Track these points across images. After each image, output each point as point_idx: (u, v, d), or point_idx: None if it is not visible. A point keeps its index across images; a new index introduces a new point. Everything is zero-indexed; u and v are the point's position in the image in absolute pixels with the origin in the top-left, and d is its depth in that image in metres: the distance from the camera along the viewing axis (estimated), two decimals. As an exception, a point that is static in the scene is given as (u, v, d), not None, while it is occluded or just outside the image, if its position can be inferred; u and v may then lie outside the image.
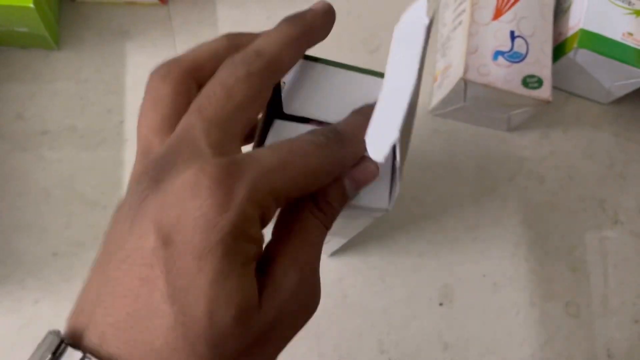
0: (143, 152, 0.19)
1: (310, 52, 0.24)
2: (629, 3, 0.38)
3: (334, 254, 0.37)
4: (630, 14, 0.38)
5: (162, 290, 0.15)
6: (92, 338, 0.16)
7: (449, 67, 0.38)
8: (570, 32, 0.38)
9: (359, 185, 0.21)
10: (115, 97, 0.38)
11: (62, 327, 0.18)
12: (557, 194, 0.41)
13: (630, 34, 0.38)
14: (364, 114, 0.20)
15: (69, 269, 0.35)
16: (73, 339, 0.17)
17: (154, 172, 0.17)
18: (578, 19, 0.38)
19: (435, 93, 0.40)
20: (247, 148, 0.22)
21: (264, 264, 0.18)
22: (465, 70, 0.35)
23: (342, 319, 0.36)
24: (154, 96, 0.20)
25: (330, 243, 0.33)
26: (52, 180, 0.36)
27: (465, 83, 0.35)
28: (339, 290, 0.37)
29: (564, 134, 0.42)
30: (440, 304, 0.38)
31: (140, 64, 0.39)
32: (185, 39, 0.40)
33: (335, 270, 0.37)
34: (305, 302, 0.19)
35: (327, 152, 0.19)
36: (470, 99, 0.37)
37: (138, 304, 0.16)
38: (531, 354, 0.38)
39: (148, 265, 0.16)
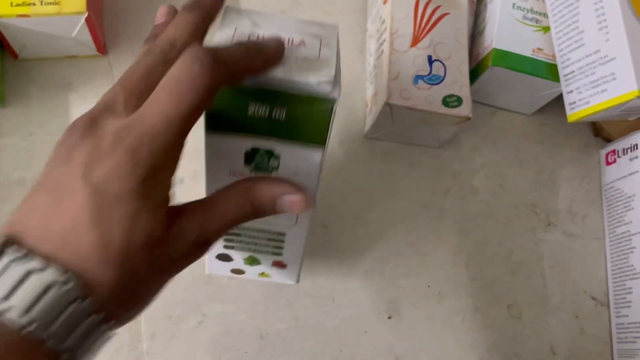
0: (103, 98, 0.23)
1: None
2: (537, 21, 0.42)
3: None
4: (538, 30, 0.41)
5: (89, 216, 0.20)
6: (27, 242, 0.20)
7: (377, 94, 0.40)
8: (486, 52, 0.41)
9: (290, 209, 0.25)
10: (61, 147, 0.40)
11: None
12: (491, 203, 0.44)
13: (540, 49, 0.41)
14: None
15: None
16: (9, 242, 0.20)
17: (87, 125, 0.22)
18: (491, 39, 0.41)
19: (368, 118, 0.42)
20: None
21: (181, 211, 0.23)
22: (389, 96, 0.38)
23: (295, 341, 0.38)
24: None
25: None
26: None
27: (390, 107, 0.38)
28: (290, 314, 0.38)
29: (494, 146, 0.45)
30: (389, 317, 0.40)
31: (84, 114, 0.40)
32: (126, 87, 0.42)
33: (285, 295, 0.39)
34: (191, 254, 0.23)
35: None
36: (398, 121, 0.40)
37: (67, 225, 0.20)
38: (479, 357, 0.40)
39: (77, 206, 0.20)
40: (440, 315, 0.40)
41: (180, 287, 0.38)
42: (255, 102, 0.25)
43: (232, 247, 0.32)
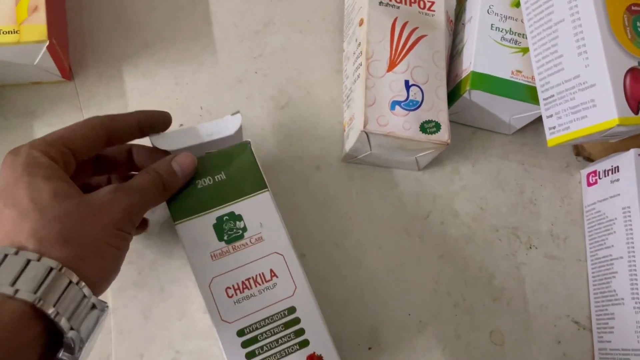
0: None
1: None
2: (516, 42, 0.41)
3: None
4: (517, 52, 0.41)
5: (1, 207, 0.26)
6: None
7: (353, 119, 0.39)
8: (464, 74, 0.40)
9: (184, 168, 0.31)
10: (25, 179, 0.38)
11: None
12: (472, 226, 0.43)
13: (520, 71, 0.40)
14: None
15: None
16: None
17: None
18: (469, 62, 0.40)
19: (345, 142, 0.41)
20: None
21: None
22: (365, 123, 0.37)
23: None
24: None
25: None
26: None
27: (367, 134, 0.37)
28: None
29: (473, 168, 0.44)
30: (369, 348, 0.39)
31: (49, 143, 0.39)
32: (93, 113, 0.40)
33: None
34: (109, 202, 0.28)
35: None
36: (375, 147, 0.39)
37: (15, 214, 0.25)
38: (461, 386, 0.39)
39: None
40: (421, 344, 0.40)
41: (152, 323, 0.36)
42: (200, 176, 0.32)
43: None
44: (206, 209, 0.31)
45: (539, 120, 0.42)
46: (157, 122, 0.32)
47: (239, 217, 0.31)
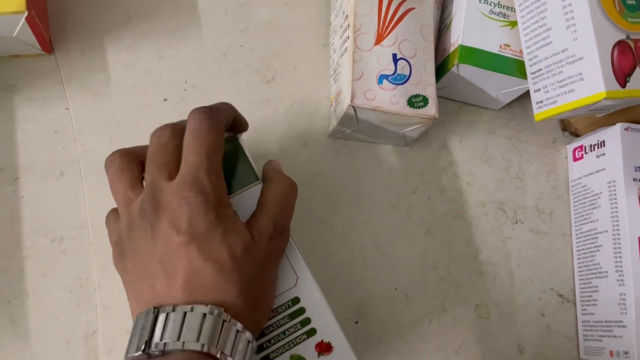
0: (126, 204, 0.28)
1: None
2: (504, 15, 0.40)
3: None
4: (506, 25, 0.40)
5: (198, 256, 0.26)
6: (169, 300, 0.26)
7: (340, 93, 0.39)
8: (452, 48, 0.40)
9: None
10: (7, 154, 0.37)
11: None
12: (458, 202, 0.43)
13: (508, 45, 0.40)
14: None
15: (-29, 337, 0.34)
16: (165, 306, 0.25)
17: (150, 207, 0.26)
18: (457, 35, 0.40)
19: (332, 117, 0.41)
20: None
21: (251, 219, 0.29)
22: (352, 97, 0.36)
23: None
24: (118, 168, 0.29)
25: None
26: (-54, 248, 0.35)
27: (354, 108, 0.37)
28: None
29: (461, 143, 0.44)
30: (356, 322, 0.39)
31: (30, 117, 0.38)
32: (76, 87, 0.39)
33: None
34: (277, 243, 0.29)
35: None
36: (362, 122, 0.38)
37: (188, 272, 0.26)
38: (447, 359, 0.39)
39: (184, 254, 0.26)
40: (407, 317, 0.40)
41: None
42: None
43: (268, 358, 0.30)
44: None
45: (526, 95, 0.42)
46: (242, 124, 0.33)
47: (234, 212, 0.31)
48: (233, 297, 0.26)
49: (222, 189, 0.27)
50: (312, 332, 0.31)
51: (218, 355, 0.25)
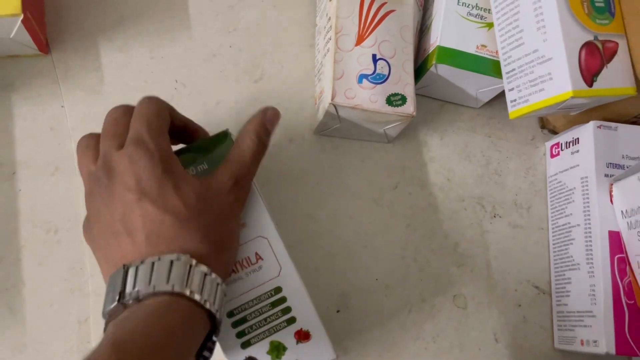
0: (88, 176, 0.30)
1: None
2: (481, 17, 0.42)
3: None
4: (483, 27, 0.42)
5: (153, 210, 0.27)
6: (135, 256, 0.27)
7: (323, 92, 0.40)
8: (431, 49, 0.42)
9: (272, 123, 0.34)
10: (4, 150, 0.39)
11: None
12: (439, 197, 0.44)
13: (484, 46, 0.41)
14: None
15: None
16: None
17: (103, 172, 0.29)
18: (436, 37, 0.41)
19: (316, 115, 0.43)
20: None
21: (216, 170, 0.31)
22: (333, 95, 0.38)
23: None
24: (84, 146, 0.31)
25: None
26: (-53, 238, 0.37)
27: (335, 107, 0.38)
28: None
29: (441, 140, 0.46)
30: (338, 311, 0.41)
31: (27, 115, 0.40)
32: (70, 86, 0.41)
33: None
34: (237, 194, 0.31)
35: None
36: (344, 119, 0.40)
37: (148, 226, 0.27)
38: (425, 347, 0.41)
39: (139, 211, 0.27)
40: (387, 307, 0.42)
41: None
42: (184, 167, 0.31)
43: (248, 342, 0.31)
44: None
45: (504, 94, 0.44)
46: (196, 132, 0.35)
47: None
48: (196, 243, 0.28)
49: (165, 146, 0.29)
50: (292, 320, 0.32)
51: (188, 294, 0.26)
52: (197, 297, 0.27)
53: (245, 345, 0.31)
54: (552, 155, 0.46)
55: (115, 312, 0.26)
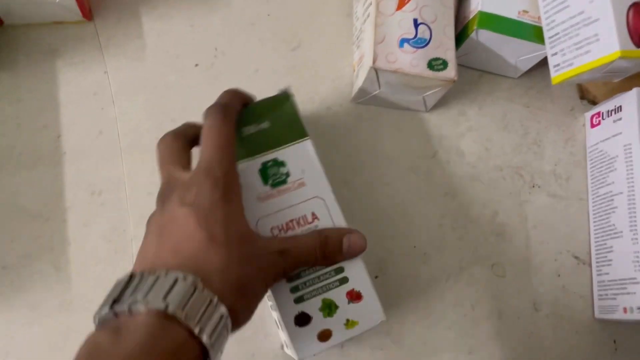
0: (165, 180, 0.30)
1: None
2: (523, -17, 0.41)
3: None
4: (524, -7, 0.41)
5: (193, 223, 0.27)
6: (154, 263, 0.26)
7: (362, 57, 0.40)
8: (472, 15, 0.41)
9: (354, 245, 0.32)
10: (50, 113, 0.40)
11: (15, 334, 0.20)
12: (477, 165, 0.44)
13: (526, 12, 0.41)
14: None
15: (19, 280, 0.36)
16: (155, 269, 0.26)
17: (167, 188, 0.29)
18: (477, 2, 0.41)
19: (354, 83, 0.43)
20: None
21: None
22: (375, 59, 0.38)
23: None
24: (169, 146, 0.31)
25: None
26: (-5, 198, 0.38)
27: (376, 71, 0.38)
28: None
29: (480, 110, 0.45)
30: (376, 277, 0.41)
31: (71, 80, 0.41)
32: (113, 53, 0.42)
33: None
34: (275, 264, 0.30)
35: None
36: (384, 85, 0.40)
37: (179, 236, 0.27)
38: (463, 314, 0.41)
39: (184, 220, 0.27)
40: (425, 274, 0.41)
41: None
42: (244, 124, 0.33)
43: (302, 298, 0.32)
44: (252, 155, 0.33)
45: (545, 64, 0.43)
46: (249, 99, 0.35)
47: (283, 164, 0.33)
48: (213, 270, 0.26)
49: (232, 176, 0.29)
50: (344, 280, 0.32)
51: (183, 318, 0.24)
52: (191, 323, 0.24)
53: (298, 300, 0.32)
54: (593, 125, 0.45)
55: (106, 319, 0.25)
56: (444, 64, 0.39)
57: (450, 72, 0.39)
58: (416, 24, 0.39)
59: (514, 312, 0.42)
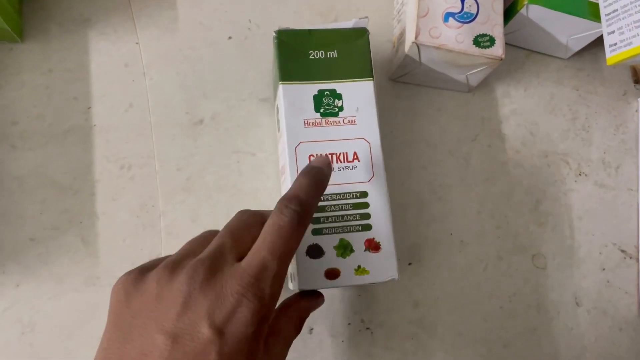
0: (208, 251, 0.25)
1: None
2: (579, -44, 0.39)
3: None
4: (580, -33, 0.38)
5: (213, 358, 0.22)
6: None
7: (403, 32, 0.38)
8: (522, -11, 0.39)
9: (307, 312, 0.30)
10: (81, 85, 0.39)
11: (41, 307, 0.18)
12: (520, 151, 0.42)
13: (582, -13, 0.38)
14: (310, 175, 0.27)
15: (47, 252, 0.36)
16: None
17: (203, 272, 0.24)
18: (529, -24, 0.38)
19: (394, 59, 0.41)
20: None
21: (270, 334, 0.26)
22: (417, 34, 0.36)
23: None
24: (245, 223, 0.27)
25: None
26: (25, 169, 0.37)
27: (418, 47, 0.36)
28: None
29: (525, 92, 0.43)
30: (409, 264, 0.39)
31: (103, 51, 0.40)
32: (145, 24, 0.40)
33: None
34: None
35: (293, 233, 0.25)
36: (426, 62, 0.38)
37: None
38: (500, 306, 0.39)
39: (202, 348, 0.22)
40: (461, 263, 0.40)
41: (200, 228, 0.38)
42: (313, 47, 0.33)
43: (320, 231, 0.31)
44: (311, 79, 0.33)
45: (597, 44, 0.40)
46: None
47: (339, 96, 0.33)
48: None
49: (275, 300, 0.24)
50: (367, 227, 0.31)
51: None
52: None
53: (316, 232, 0.31)
54: (647, 111, 0.42)
55: None
56: (491, 41, 0.36)
57: (498, 49, 0.36)
58: (462, -3, 0.37)
59: (554, 306, 0.40)
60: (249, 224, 0.26)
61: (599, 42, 0.40)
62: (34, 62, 0.39)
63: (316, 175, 0.27)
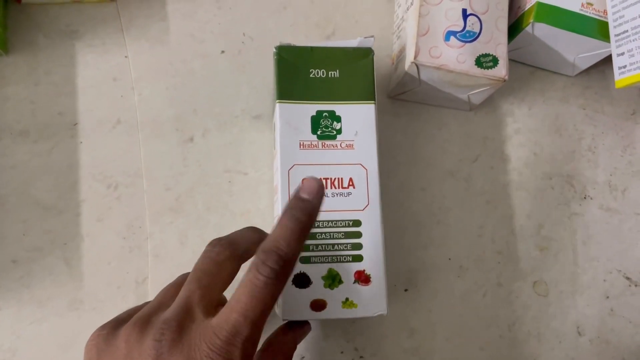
0: (177, 304, 0.24)
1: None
2: (589, -29, 0.37)
3: None
4: (590, -18, 0.37)
5: None
6: None
7: (403, 50, 0.37)
8: (528, 6, 0.37)
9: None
10: (67, 99, 0.38)
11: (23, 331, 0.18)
12: (523, 172, 0.40)
13: (590, 4, 0.37)
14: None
15: (29, 275, 0.35)
16: None
17: (170, 334, 0.22)
18: (535, -8, 0.37)
19: (392, 76, 0.39)
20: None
21: None
22: (416, 54, 0.34)
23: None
24: (217, 264, 0.25)
25: None
26: (7, 187, 0.36)
27: (417, 66, 0.35)
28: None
29: (530, 110, 0.41)
30: (406, 290, 0.38)
31: (90, 64, 0.38)
32: (134, 36, 0.39)
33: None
34: None
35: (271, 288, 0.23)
36: (425, 80, 0.36)
37: None
38: (499, 335, 0.38)
39: None
40: (460, 289, 0.38)
41: (188, 250, 0.36)
42: (314, 66, 0.32)
43: (308, 259, 0.30)
44: (310, 99, 0.32)
45: (605, 62, 0.39)
46: None
47: (338, 118, 0.32)
48: None
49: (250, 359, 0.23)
50: (358, 257, 0.30)
51: None
52: None
53: (304, 260, 0.30)
54: (657, 133, 0.40)
55: None
56: (494, 61, 0.35)
57: (501, 70, 0.35)
58: (465, 15, 0.35)
59: (555, 335, 0.38)
60: (219, 263, 0.25)
61: (608, 59, 0.38)
62: (19, 76, 0.37)
63: (302, 217, 0.24)
